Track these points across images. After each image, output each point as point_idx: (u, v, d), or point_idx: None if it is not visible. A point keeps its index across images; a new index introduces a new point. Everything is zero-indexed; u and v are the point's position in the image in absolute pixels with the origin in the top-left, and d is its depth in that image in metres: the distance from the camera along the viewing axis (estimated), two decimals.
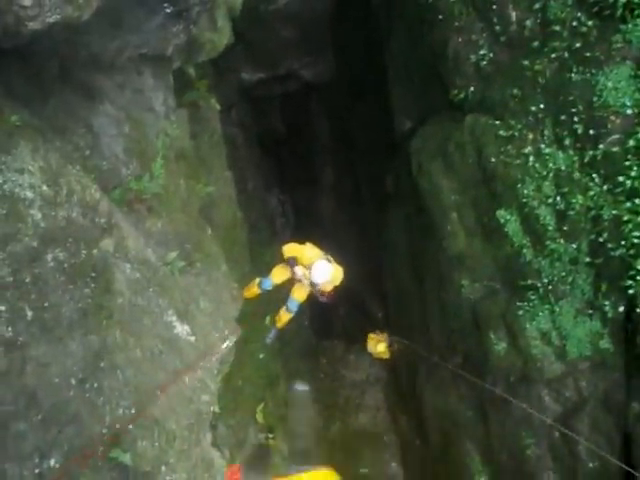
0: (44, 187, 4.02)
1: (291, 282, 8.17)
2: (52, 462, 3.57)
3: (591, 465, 7.76)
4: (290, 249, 7.79)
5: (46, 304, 3.87)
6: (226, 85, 12.92)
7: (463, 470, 9.59)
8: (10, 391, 3.39)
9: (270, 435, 9.53)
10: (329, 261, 7.61)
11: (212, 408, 6.02)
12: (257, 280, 8.13)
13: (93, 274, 4.54)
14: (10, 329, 3.49)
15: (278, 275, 8.05)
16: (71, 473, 3.73)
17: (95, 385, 4.21)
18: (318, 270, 7.44)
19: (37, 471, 3.45)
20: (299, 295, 8.18)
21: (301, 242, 7.97)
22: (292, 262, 7.76)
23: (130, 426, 4.51)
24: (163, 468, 4.70)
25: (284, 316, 8.65)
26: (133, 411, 4.57)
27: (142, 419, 4.71)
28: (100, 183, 5.40)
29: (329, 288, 7.81)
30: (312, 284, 7.74)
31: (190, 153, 8.08)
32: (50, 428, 3.59)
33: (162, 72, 7.13)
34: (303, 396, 7.08)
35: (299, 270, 7.73)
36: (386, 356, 11.83)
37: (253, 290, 8.25)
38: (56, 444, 3.59)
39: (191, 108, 8.55)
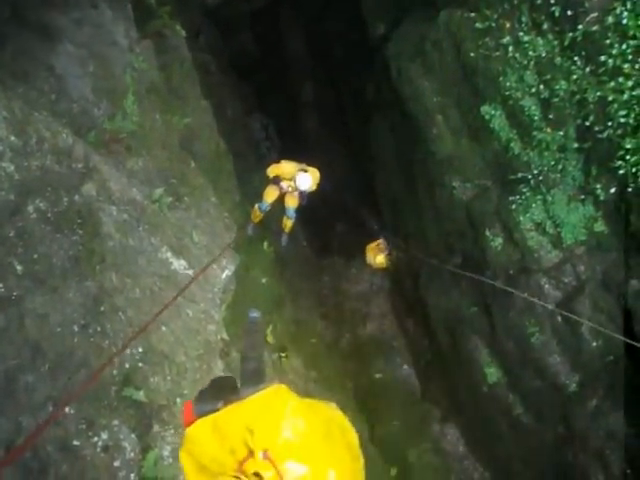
0: (12, 137, 3.89)
1: (282, 197, 9.59)
2: (67, 409, 3.63)
3: (595, 344, 7.98)
4: (272, 170, 9.22)
5: (35, 256, 3.85)
6: (190, 10, 12.36)
7: (472, 364, 9.89)
8: (12, 346, 3.40)
9: (282, 354, 9.77)
10: (305, 170, 9.03)
11: (219, 336, 6.13)
12: (256, 206, 9.65)
13: (79, 220, 4.49)
14: (1, 285, 3.47)
15: (270, 195, 9.49)
16: (88, 417, 3.82)
17: (98, 329, 4.25)
18: (301, 181, 8.94)
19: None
20: (292, 203, 9.68)
21: (277, 162, 9.39)
22: (277, 180, 9.25)
23: (140, 364, 4.60)
24: (178, 400, 4.84)
25: (287, 222, 10.27)
26: (140, 350, 4.65)
27: (151, 356, 4.80)
28: (73, 127, 5.27)
29: (314, 188, 9.23)
30: (299, 191, 9.24)
31: (161, 85, 7.85)
32: (59, 376, 3.63)
33: (119, 2, 6.82)
34: (255, 323, 7.40)
35: (284, 184, 9.21)
36: (386, 265, 11.93)
37: (257, 214, 9.75)
38: (68, 391, 3.65)
39: (156, 38, 8.24)
